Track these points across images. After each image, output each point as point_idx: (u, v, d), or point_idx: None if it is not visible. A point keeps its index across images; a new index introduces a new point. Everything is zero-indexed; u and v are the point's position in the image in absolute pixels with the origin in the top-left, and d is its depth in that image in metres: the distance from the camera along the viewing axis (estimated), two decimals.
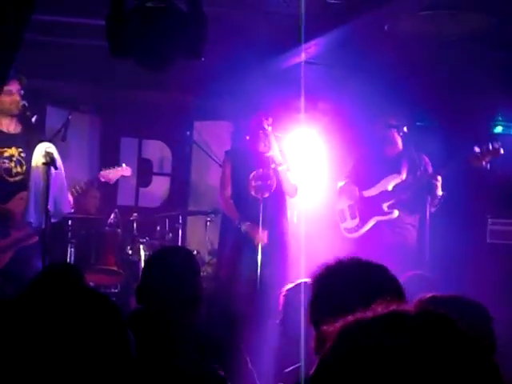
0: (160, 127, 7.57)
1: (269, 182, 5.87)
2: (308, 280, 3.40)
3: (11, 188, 5.17)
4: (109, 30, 3.41)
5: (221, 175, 6.14)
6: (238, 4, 5.14)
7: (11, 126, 5.34)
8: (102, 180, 5.81)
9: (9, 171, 5.26)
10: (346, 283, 1.97)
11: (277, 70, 6.26)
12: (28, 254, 5.08)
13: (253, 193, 5.81)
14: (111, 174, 5.84)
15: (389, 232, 5.79)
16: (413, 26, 5.08)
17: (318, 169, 6.79)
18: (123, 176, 6.05)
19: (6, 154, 5.27)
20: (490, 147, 5.27)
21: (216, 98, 7.29)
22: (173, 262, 2.81)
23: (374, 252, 5.67)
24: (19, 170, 5.19)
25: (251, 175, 5.84)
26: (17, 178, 5.16)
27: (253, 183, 5.84)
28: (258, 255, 5.60)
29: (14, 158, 5.28)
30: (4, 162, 5.25)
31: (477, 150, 5.28)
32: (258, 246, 5.61)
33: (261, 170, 5.82)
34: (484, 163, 5.29)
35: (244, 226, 5.74)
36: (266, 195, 5.78)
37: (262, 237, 5.65)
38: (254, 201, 5.73)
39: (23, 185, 5.18)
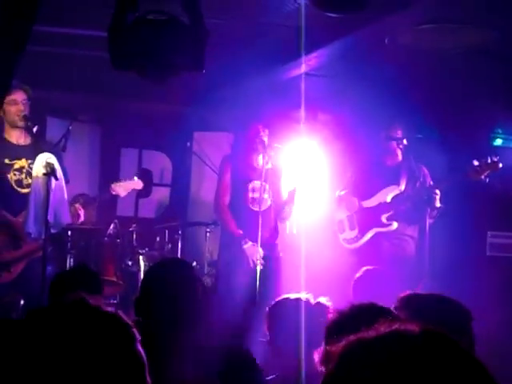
0: (160, 138, 7.58)
1: (265, 196, 5.88)
2: (293, 296, 3.41)
3: (23, 200, 5.14)
4: (110, 41, 3.42)
5: (219, 181, 6.02)
6: (239, 15, 5.16)
7: (21, 138, 5.35)
8: (113, 193, 5.80)
9: (20, 183, 5.28)
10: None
11: (277, 81, 6.27)
12: (40, 267, 5.04)
13: (249, 205, 5.81)
14: (122, 187, 5.82)
15: (387, 244, 5.80)
16: (413, 39, 5.09)
17: (317, 180, 6.79)
18: (134, 190, 6.01)
19: (17, 166, 5.29)
20: (489, 161, 5.29)
21: (216, 109, 7.30)
22: (171, 274, 2.80)
23: (372, 263, 5.69)
24: (30, 181, 5.18)
25: (249, 186, 5.84)
26: (28, 190, 5.15)
27: (250, 195, 5.84)
28: (256, 268, 5.62)
29: (24, 170, 5.29)
30: (15, 174, 5.27)
31: (476, 163, 5.30)
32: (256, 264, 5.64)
33: (258, 183, 5.81)
34: (483, 177, 5.30)
35: (246, 246, 5.72)
36: (263, 209, 5.79)
37: (260, 256, 5.65)
38: (251, 213, 5.74)
39: None
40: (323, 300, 3.20)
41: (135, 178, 5.98)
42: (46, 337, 1.28)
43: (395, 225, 5.76)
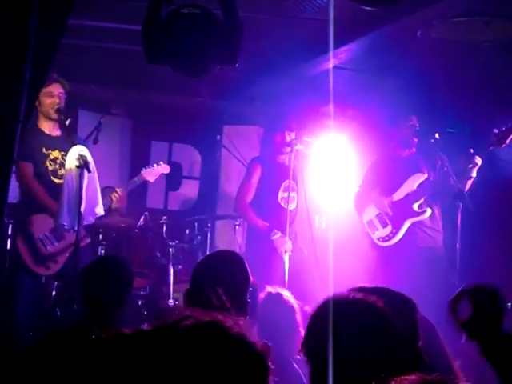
0: (190, 131, 7.61)
1: (292, 194, 5.94)
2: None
3: (57, 190, 5.22)
4: (145, 35, 3.44)
5: (244, 179, 6.09)
6: (269, 10, 5.16)
7: (53, 130, 5.44)
8: (145, 179, 6.06)
9: (56, 173, 5.38)
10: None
11: (307, 76, 6.26)
12: (83, 255, 5.12)
13: (282, 203, 5.87)
14: (152, 173, 6.08)
15: (422, 234, 5.78)
16: (446, 32, 5.05)
17: (347, 175, 6.78)
18: (162, 174, 6.26)
19: (52, 157, 5.39)
20: (510, 125, 5.33)
21: (246, 103, 7.32)
22: (224, 267, 2.83)
23: (407, 256, 5.67)
24: (63, 172, 5.26)
25: (282, 186, 5.89)
26: (62, 181, 5.23)
27: (281, 194, 5.90)
28: (285, 263, 5.65)
29: (58, 161, 5.39)
30: (51, 164, 5.36)
31: (495, 131, 5.33)
32: (285, 254, 5.68)
33: (287, 182, 5.86)
34: (506, 144, 5.33)
35: (275, 236, 5.77)
36: (292, 207, 5.86)
37: (288, 247, 5.71)
38: (281, 211, 5.79)
39: None
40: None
41: (161, 162, 6.21)
42: (178, 367, 1.21)
43: (429, 211, 5.74)
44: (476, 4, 4.54)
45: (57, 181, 5.34)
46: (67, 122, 5.33)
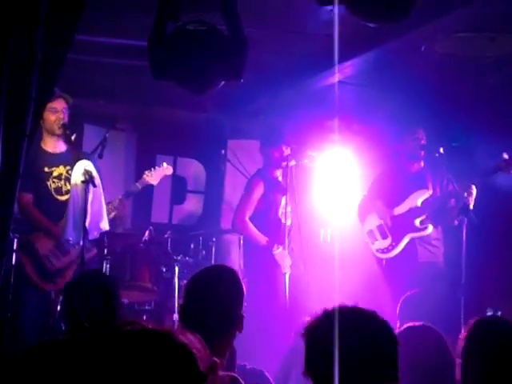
0: (195, 145, 7.63)
1: (293, 209, 5.93)
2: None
3: (63, 206, 5.23)
4: (150, 51, 3.46)
5: (245, 195, 6.07)
6: (274, 25, 5.18)
7: (56, 147, 5.43)
8: (148, 182, 5.95)
9: (59, 190, 5.37)
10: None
11: (312, 90, 6.28)
12: (89, 268, 5.12)
13: (283, 219, 5.85)
14: (153, 176, 5.98)
15: (422, 250, 5.77)
16: (450, 47, 5.07)
17: (351, 189, 6.78)
18: (166, 175, 6.15)
19: (55, 174, 5.39)
20: None
21: (250, 117, 7.33)
22: (218, 281, 2.82)
23: (407, 271, 5.67)
24: (69, 187, 5.27)
25: (283, 201, 5.87)
26: (67, 197, 5.24)
27: (282, 210, 5.88)
28: (286, 278, 5.65)
29: (63, 176, 5.38)
30: (54, 182, 5.36)
31: (505, 156, 5.30)
32: (286, 269, 5.68)
33: (287, 197, 5.86)
34: None
35: (277, 251, 5.75)
36: (289, 223, 5.90)
37: (289, 262, 5.70)
38: (281, 226, 5.78)
39: None
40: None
41: (164, 164, 6.15)
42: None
43: (430, 228, 5.74)
44: (480, 19, 4.55)
45: (60, 198, 5.35)
46: (73, 137, 5.34)
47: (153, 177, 5.99)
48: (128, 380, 1.21)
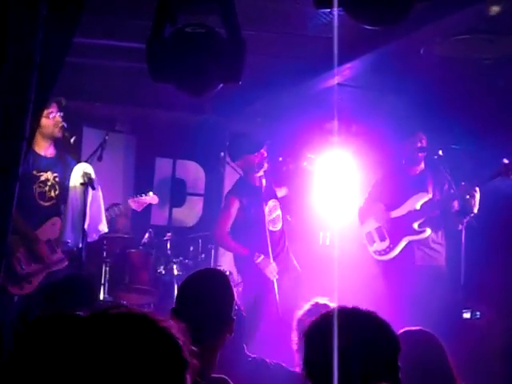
0: (194, 148, 7.64)
1: (279, 213, 5.89)
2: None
3: (44, 212, 5.22)
4: (149, 53, 3.46)
5: (221, 212, 6.01)
6: (273, 27, 5.18)
7: (48, 150, 5.39)
8: (130, 207, 5.96)
9: (43, 195, 5.31)
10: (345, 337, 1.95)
11: (311, 92, 6.28)
12: (58, 279, 5.12)
13: (270, 227, 5.77)
14: (137, 203, 5.96)
15: (420, 253, 5.77)
16: (449, 49, 5.07)
17: (351, 191, 6.79)
18: (150, 204, 6.16)
19: (42, 179, 5.34)
20: None
21: (249, 120, 7.33)
22: (209, 284, 2.83)
23: (405, 274, 5.67)
24: (52, 194, 5.25)
25: (266, 209, 5.81)
26: (50, 203, 5.23)
27: (268, 217, 5.81)
28: (275, 284, 5.63)
29: (49, 183, 5.33)
30: (40, 186, 5.32)
31: (506, 161, 5.30)
32: (271, 276, 5.65)
33: (272, 202, 5.82)
34: None
35: (258, 260, 5.71)
36: (278, 227, 5.85)
37: (273, 271, 5.66)
38: (264, 233, 5.74)
39: (55, 210, 5.24)
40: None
41: (150, 193, 6.11)
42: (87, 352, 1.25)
43: (428, 231, 5.73)
44: (479, 21, 4.55)
45: (42, 203, 5.29)
46: (72, 140, 5.34)
47: (136, 203, 5.96)
48: (113, 359, 1.24)
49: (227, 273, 6.16)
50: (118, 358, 1.24)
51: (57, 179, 5.27)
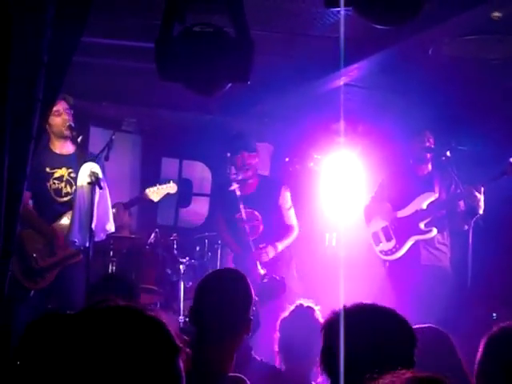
0: (200, 148, 7.63)
1: (256, 223, 5.81)
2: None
3: (60, 208, 5.32)
4: (157, 53, 3.45)
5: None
6: (281, 27, 5.17)
7: (64, 148, 5.45)
8: (148, 197, 5.85)
9: (59, 192, 5.38)
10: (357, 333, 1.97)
11: (318, 93, 6.27)
12: (72, 273, 5.17)
13: (249, 237, 5.68)
14: (156, 193, 5.87)
15: (425, 253, 5.76)
16: (457, 49, 5.05)
17: (357, 191, 6.77)
18: (169, 194, 6.04)
19: (57, 175, 5.40)
20: None
21: (256, 120, 7.33)
22: (229, 285, 2.83)
23: (410, 274, 5.66)
24: (69, 190, 5.32)
25: (244, 218, 5.72)
26: (66, 199, 5.30)
27: (247, 227, 5.72)
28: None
29: (64, 179, 5.39)
30: (54, 183, 5.37)
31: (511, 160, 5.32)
32: None
33: (249, 211, 5.74)
34: None
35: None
36: (256, 236, 5.72)
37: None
38: (248, 241, 5.67)
39: (71, 205, 5.28)
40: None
41: (171, 181, 6.03)
42: (81, 345, 1.28)
43: (435, 231, 5.72)
44: (488, 22, 4.53)
45: (58, 199, 5.37)
46: (79, 139, 5.36)
47: (155, 194, 5.88)
48: (106, 351, 1.26)
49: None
50: (111, 348, 1.27)
51: (72, 175, 5.32)
